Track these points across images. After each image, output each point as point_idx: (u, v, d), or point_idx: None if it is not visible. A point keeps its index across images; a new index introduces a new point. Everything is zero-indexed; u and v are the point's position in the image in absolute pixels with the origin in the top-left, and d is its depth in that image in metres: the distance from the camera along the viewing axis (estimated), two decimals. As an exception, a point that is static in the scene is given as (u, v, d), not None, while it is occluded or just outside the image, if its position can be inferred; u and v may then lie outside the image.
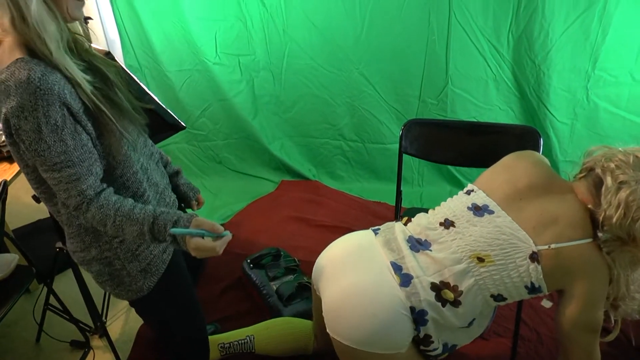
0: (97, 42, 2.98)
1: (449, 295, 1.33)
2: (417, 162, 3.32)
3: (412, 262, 1.38)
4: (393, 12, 2.91)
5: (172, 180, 1.63)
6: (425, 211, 1.57)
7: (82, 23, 1.27)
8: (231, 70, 3.26)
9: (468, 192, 1.51)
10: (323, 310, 1.44)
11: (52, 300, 2.12)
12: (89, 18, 2.71)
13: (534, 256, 1.29)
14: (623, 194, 1.24)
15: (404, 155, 2.13)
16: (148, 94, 1.81)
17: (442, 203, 1.55)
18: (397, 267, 1.38)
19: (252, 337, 1.94)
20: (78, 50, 1.22)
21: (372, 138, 3.34)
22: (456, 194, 1.55)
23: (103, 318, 2.25)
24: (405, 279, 1.35)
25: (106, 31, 3.12)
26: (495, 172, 1.54)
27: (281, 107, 3.39)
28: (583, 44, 2.79)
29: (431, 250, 1.41)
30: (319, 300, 1.50)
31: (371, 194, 3.32)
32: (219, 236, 1.21)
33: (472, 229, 1.39)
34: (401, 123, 2.35)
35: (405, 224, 1.54)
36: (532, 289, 1.33)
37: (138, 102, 1.33)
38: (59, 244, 1.91)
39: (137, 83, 1.79)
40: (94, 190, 1.18)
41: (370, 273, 1.40)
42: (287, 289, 2.27)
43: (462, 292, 1.33)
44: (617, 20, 2.68)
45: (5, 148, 2.14)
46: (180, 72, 3.28)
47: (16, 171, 2.04)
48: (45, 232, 2.71)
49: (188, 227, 1.20)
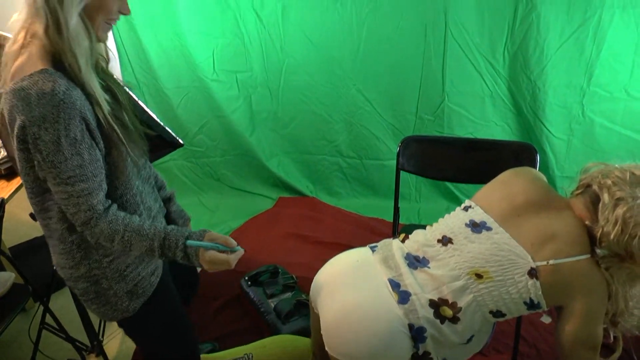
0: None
1: (448, 312, 1.32)
2: (415, 178, 3.32)
3: (410, 279, 1.38)
4: (390, 29, 2.93)
5: (165, 205, 1.61)
6: (422, 228, 1.57)
7: (106, 45, 1.30)
8: (229, 86, 3.27)
9: (465, 209, 1.51)
10: (321, 327, 1.43)
11: (48, 318, 2.09)
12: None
13: (533, 272, 1.29)
14: (620, 211, 1.25)
15: (401, 171, 2.13)
16: (147, 112, 1.81)
17: (440, 220, 1.55)
18: (395, 284, 1.38)
19: (251, 355, 1.93)
20: (97, 69, 1.23)
21: (369, 154, 3.34)
22: (454, 210, 1.55)
23: (100, 337, 2.22)
24: (403, 296, 1.35)
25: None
26: (492, 189, 1.54)
27: (279, 124, 3.39)
28: (578, 60, 2.82)
29: (429, 267, 1.40)
30: (317, 317, 1.49)
31: (368, 210, 3.30)
32: (232, 250, 1.22)
33: (470, 246, 1.38)
34: (398, 139, 2.35)
35: (402, 241, 1.53)
36: (531, 305, 1.32)
37: (141, 127, 1.34)
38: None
39: (138, 103, 1.80)
40: (103, 205, 1.19)
41: (368, 290, 1.40)
42: (285, 307, 2.26)
43: (461, 309, 1.32)
44: (611, 36, 2.71)
45: (2, 166, 2.13)
46: (178, 89, 3.29)
47: (13, 189, 2.03)
48: (41, 250, 2.68)
49: (202, 241, 1.21)
